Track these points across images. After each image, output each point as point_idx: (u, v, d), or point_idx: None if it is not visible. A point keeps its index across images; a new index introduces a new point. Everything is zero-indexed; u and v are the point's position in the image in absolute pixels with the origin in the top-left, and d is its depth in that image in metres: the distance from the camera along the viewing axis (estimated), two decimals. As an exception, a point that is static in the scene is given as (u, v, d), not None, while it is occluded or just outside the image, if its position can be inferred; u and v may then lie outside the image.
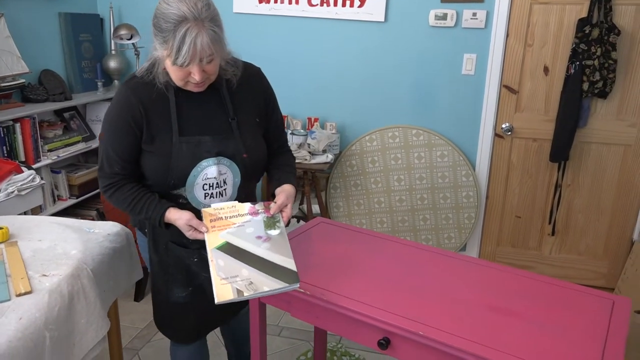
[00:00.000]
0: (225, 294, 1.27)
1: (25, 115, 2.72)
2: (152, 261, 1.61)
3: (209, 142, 1.44)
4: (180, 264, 1.57)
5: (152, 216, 1.44)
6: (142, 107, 1.41)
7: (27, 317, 1.24)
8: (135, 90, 1.42)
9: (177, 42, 1.26)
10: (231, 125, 1.48)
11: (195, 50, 1.27)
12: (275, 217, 1.44)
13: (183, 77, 1.36)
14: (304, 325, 2.65)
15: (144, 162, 1.46)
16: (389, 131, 3.17)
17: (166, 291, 1.61)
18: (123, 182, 1.47)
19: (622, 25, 2.70)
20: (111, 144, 1.44)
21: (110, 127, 1.45)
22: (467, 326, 1.26)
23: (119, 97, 1.44)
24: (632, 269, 2.86)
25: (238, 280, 1.29)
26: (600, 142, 2.92)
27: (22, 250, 1.55)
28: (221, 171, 1.47)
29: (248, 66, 1.55)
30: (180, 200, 1.49)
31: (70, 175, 3.08)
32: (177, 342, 1.72)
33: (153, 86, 1.41)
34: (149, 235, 1.59)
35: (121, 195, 1.47)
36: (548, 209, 3.10)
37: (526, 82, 2.95)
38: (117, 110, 1.43)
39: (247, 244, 1.37)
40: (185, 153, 1.42)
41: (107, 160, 1.46)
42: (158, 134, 1.43)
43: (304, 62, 3.25)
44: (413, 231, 3.25)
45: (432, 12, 2.96)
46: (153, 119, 1.42)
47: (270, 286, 1.30)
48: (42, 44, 3.13)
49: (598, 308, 1.37)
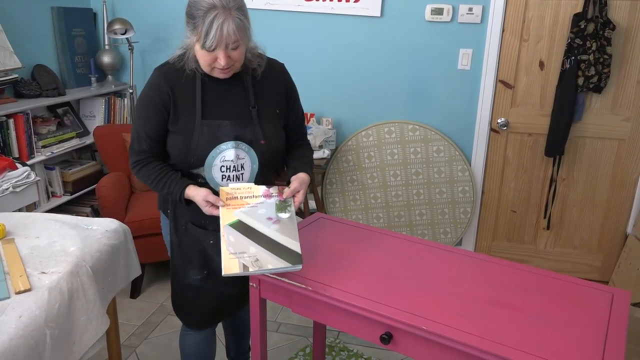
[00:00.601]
0: (232, 268, 1.36)
1: (18, 111, 2.69)
2: (172, 242, 1.69)
3: (228, 126, 1.53)
4: (197, 245, 1.64)
5: (173, 191, 1.54)
6: (171, 91, 1.53)
7: (27, 315, 1.23)
8: (166, 74, 1.54)
9: (205, 27, 1.38)
10: (251, 113, 1.57)
11: (221, 35, 1.38)
12: (287, 202, 1.52)
13: (210, 62, 1.46)
14: (301, 320, 2.65)
15: (169, 141, 1.57)
16: (385, 126, 3.17)
17: (182, 273, 1.68)
18: (150, 159, 1.58)
19: (617, 20, 2.72)
20: (141, 124, 1.57)
21: (142, 107, 1.57)
22: (469, 320, 1.27)
23: (151, 80, 1.56)
24: (626, 263, 2.89)
25: (245, 256, 1.39)
26: (594, 137, 2.94)
27: (20, 247, 1.54)
28: (239, 155, 1.55)
29: (272, 61, 1.66)
30: (199, 180, 1.57)
31: (64, 172, 3.06)
32: (190, 326, 1.78)
33: (183, 72, 1.53)
34: (170, 216, 1.66)
35: (147, 172, 1.57)
36: (543, 203, 3.12)
37: (522, 77, 2.95)
38: (149, 92, 1.56)
39: (257, 223, 1.46)
40: (205, 135, 1.52)
41: (137, 139, 1.58)
42: (183, 116, 1.53)
43: (300, 57, 3.24)
44: (409, 226, 3.26)
45: (428, 7, 2.96)
46: (180, 101, 1.53)
47: (275, 265, 1.39)
48: (35, 38, 3.09)
49: (598, 301, 1.38)
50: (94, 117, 3.41)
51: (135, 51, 3.38)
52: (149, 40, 3.45)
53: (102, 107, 3.40)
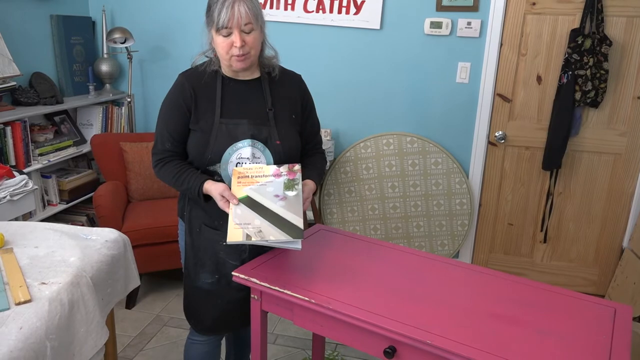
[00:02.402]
0: (236, 236, 1.45)
1: (16, 118, 2.67)
2: (187, 244, 1.72)
3: (245, 125, 1.60)
4: (210, 250, 1.67)
5: (192, 186, 1.59)
6: (193, 91, 1.62)
7: (27, 326, 1.21)
8: (189, 77, 1.64)
9: (218, 8, 1.49)
10: (268, 115, 1.64)
11: (233, 12, 1.48)
12: (295, 180, 1.57)
13: (227, 49, 1.53)
14: (299, 332, 2.64)
15: (189, 139, 1.64)
16: (384, 138, 3.18)
17: (194, 275, 1.71)
18: (171, 158, 1.65)
19: (614, 36, 2.75)
20: (165, 123, 1.65)
21: (166, 107, 1.66)
22: (472, 334, 1.26)
23: (176, 83, 1.65)
24: (622, 276, 2.90)
25: (249, 227, 1.47)
26: (591, 151, 2.97)
27: (19, 257, 1.52)
28: (255, 154, 1.61)
29: (290, 72, 1.78)
30: (215, 177, 1.62)
31: (60, 180, 3.04)
32: (199, 331, 1.78)
33: (204, 75, 1.63)
34: (186, 219, 1.71)
35: (168, 169, 1.64)
36: (540, 217, 3.14)
37: (519, 90, 2.98)
38: (173, 93, 1.65)
39: (265, 199, 1.53)
40: (224, 132, 1.59)
41: (160, 138, 1.65)
42: (203, 115, 1.61)
43: (299, 68, 3.20)
44: (407, 238, 3.26)
45: (427, 21, 2.99)
46: (201, 101, 1.62)
47: (276, 237, 1.46)
48: (34, 46, 3.08)
49: (600, 316, 1.38)
50: (92, 125, 3.39)
51: (134, 60, 3.38)
52: (148, 49, 3.45)
53: (100, 116, 3.39)
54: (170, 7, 3.34)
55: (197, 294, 1.72)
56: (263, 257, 1.64)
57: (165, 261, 2.78)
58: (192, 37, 3.28)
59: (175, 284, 3.06)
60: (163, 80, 3.38)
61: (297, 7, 3.14)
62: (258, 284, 1.49)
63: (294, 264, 1.62)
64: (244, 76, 1.66)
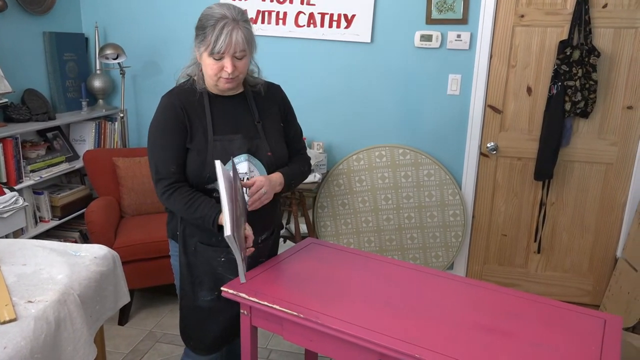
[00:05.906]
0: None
1: (7, 135, 2.67)
2: (181, 264, 1.70)
3: (240, 140, 1.62)
4: (207, 266, 1.67)
5: (207, 215, 1.55)
6: (184, 109, 1.61)
7: (12, 345, 1.19)
8: (177, 95, 1.63)
9: (215, 33, 1.48)
10: (257, 127, 1.67)
11: (230, 41, 1.49)
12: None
13: (217, 71, 1.54)
14: (292, 347, 2.62)
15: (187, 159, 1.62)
16: (376, 150, 3.19)
17: (192, 295, 1.70)
18: (180, 183, 1.61)
19: (602, 47, 2.78)
20: (162, 147, 1.60)
21: (159, 131, 1.62)
22: (462, 347, 1.26)
23: (162, 103, 1.64)
24: (617, 286, 2.89)
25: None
26: (582, 161, 2.98)
27: (6, 275, 1.51)
28: (250, 168, 1.63)
29: (270, 83, 1.79)
30: (214, 194, 1.61)
31: (52, 196, 3.02)
32: (198, 352, 1.76)
33: (190, 93, 1.63)
34: (179, 238, 1.69)
35: (179, 196, 1.59)
36: (533, 227, 3.14)
37: (510, 102, 3.00)
38: (163, 114, 1.62)
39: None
40: (219, 149, 1.59)
41: (162, 164, 1.60)
42: (196, 133, 1.61)
43: (291, 82, 3.24)
44: (401, 250, 3.25)
45: (417, 34, 3.01)
46: (193, 119, 1.61)
47: (239, 265, 1.46)
48: (26, 63, 3.09)
49: (590, 327, 1.38)
50: (84, 141, 3.39)
51: (126, 75, 3.39)
52: (141, 64, 3.46)
53: (93, 131, 3.39)
54: (162, 23, 3.37)
55: (197, 313, 1.71)
56: (253, 271, 1.64)
57: (158, 276, 2.76)
58: (185, 53, 3.27)
59: (168, 300, 3.04)
60: (156, 96, 3.35)
61: (289, 21, 3.17)
62: (247, 299, 1.49)
63: (284, 278, 1.61)
64: (229, 92, 1.67)
